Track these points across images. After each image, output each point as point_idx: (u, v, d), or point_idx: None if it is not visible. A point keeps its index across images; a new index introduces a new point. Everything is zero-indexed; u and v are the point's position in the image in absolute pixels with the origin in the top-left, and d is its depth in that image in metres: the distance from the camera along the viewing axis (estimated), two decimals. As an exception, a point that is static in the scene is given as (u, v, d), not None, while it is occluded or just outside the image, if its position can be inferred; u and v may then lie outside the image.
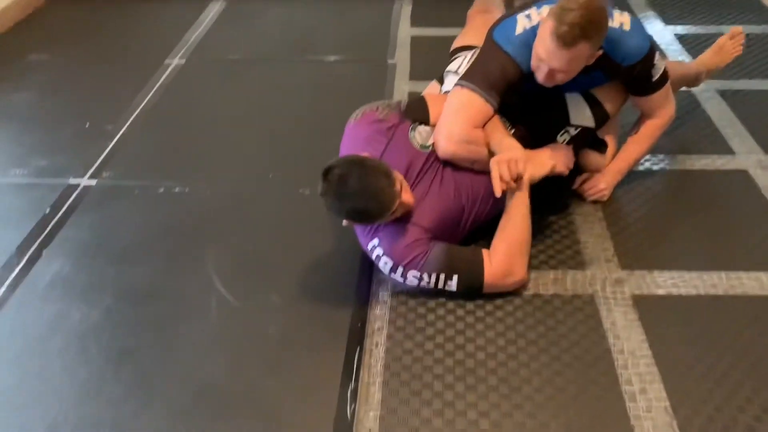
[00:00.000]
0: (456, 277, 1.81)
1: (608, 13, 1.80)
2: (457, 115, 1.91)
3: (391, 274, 1.85)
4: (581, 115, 2.06)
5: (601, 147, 2.19)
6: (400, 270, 1.82)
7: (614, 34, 1.86)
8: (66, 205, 2.30)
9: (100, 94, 3.01)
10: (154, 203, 2.32)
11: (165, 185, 2.38)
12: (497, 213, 1.92)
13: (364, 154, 1.81)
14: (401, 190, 1.73)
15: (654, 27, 3.38)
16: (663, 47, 3.16)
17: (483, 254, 1.84)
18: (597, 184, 2.20)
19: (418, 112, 2.03)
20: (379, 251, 1.83)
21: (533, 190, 1.90)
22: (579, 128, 2.06)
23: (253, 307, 1.89)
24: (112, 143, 2.63)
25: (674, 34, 3.30)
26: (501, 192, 1.80)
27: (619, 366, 1.67)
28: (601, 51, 1.83)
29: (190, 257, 2.07)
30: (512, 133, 2.00)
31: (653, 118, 2.14)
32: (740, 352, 1.70)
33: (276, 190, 2.36)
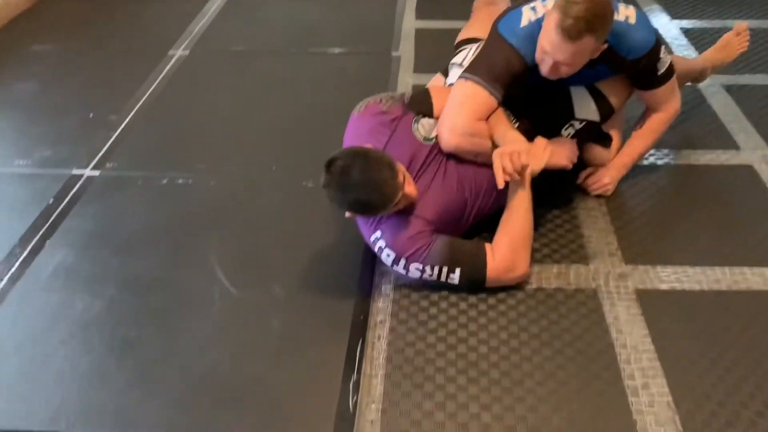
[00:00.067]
0: (459, 270, 1.81)
1: (613, 6, 1.79)
2: (461, 107, 1.91)
3: (394, 267, 1.85)
4: (586, 108, 2.06)
5: (605, 141, 2.18)
6: (403, 262, 1.82)
7: (619, 28, 1.85)
8: (69, 196, 2.31)
9: (104, 84, 3.01)
10: (158, 194, 2.32)
11: (168, 176, 2.38)
12: (500, 207, 1.92)
13: (367, 145, 1.80)
14: (404, 181, 1.73)
15: (660, 21, 3.37)
16: (669, 41, 3.15)
17: (486, 248, 1.84)
18: (601, 179, 2.20)
19: (421, 105, 2.02)
20: (382, 243, 1.83)
21: (536, 184, 1.90)
22: (584, 122, 2.06)
23: (255, 298, 1.89)
24: (116, 134, 2.63)
25: (680, 28, 3.29)
26: (503, 184, 1.80)
27: (621, 360, 1.67)
28: (606, 45, 1.83)
29: (193, 248, 2.07)
30: (516, 126, 1.99)
31: (658, 113, 2.13)
32: (743, 347, 1.69)
33: (279, 182, 2.36)
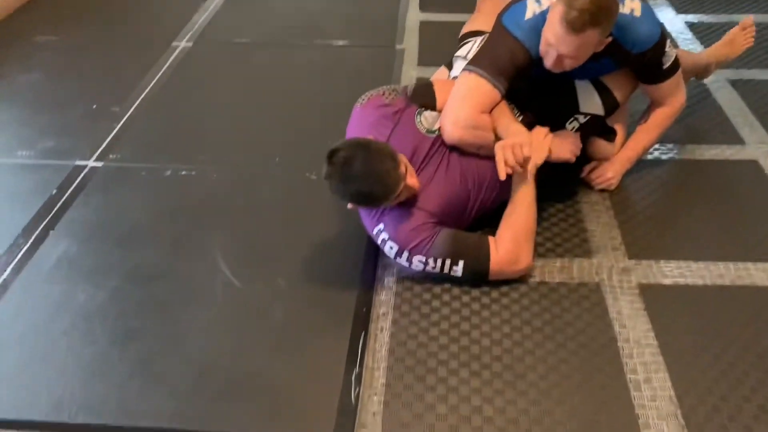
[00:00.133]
0: (462, 262, 1.80)
1: (619, -2, 1.78)
2: (464, 100, 1.90)
3: (397, 259, 1.84)
4: (590, 102, 2.05)
5: (610, 135, 2.18)
6: (406, 254, 1.81)
7: (624, 21, 1.84)
8: (72, 187, 2.30)
9: (107, 75, 3.01)
10: (161, 186, 2.32)
11: (171, 168, 2.38)
12: (503, 201, 1.92)
13: (370, 137, 1.80)
14: (406, 173, 1.72)
15: (665, 15, 3.35)
16: (674, 35, 3.13)
17: (489, 241, 1.83)
18: (605, 173, 2.19)
19: (425, 97, 2.01)
20: (385, 235, 1.82)
21: (539, 177, 1.90)
22: (588, 116, 2.05)
23: (258, 290, 1.89)
24: (119, 125, 2.63)
25: (685, 23, 3.27)
26: (505, 175, 1.79)
27: (624, 355, 1.67)
28: (610, 38, 1.82)
29: (196, 240, 2.07)
30: (520, 119, 1.99)
31: (663, 107, 2.12)
32: (746, 342, 1.69)
33: (282, 173, 2.35)
